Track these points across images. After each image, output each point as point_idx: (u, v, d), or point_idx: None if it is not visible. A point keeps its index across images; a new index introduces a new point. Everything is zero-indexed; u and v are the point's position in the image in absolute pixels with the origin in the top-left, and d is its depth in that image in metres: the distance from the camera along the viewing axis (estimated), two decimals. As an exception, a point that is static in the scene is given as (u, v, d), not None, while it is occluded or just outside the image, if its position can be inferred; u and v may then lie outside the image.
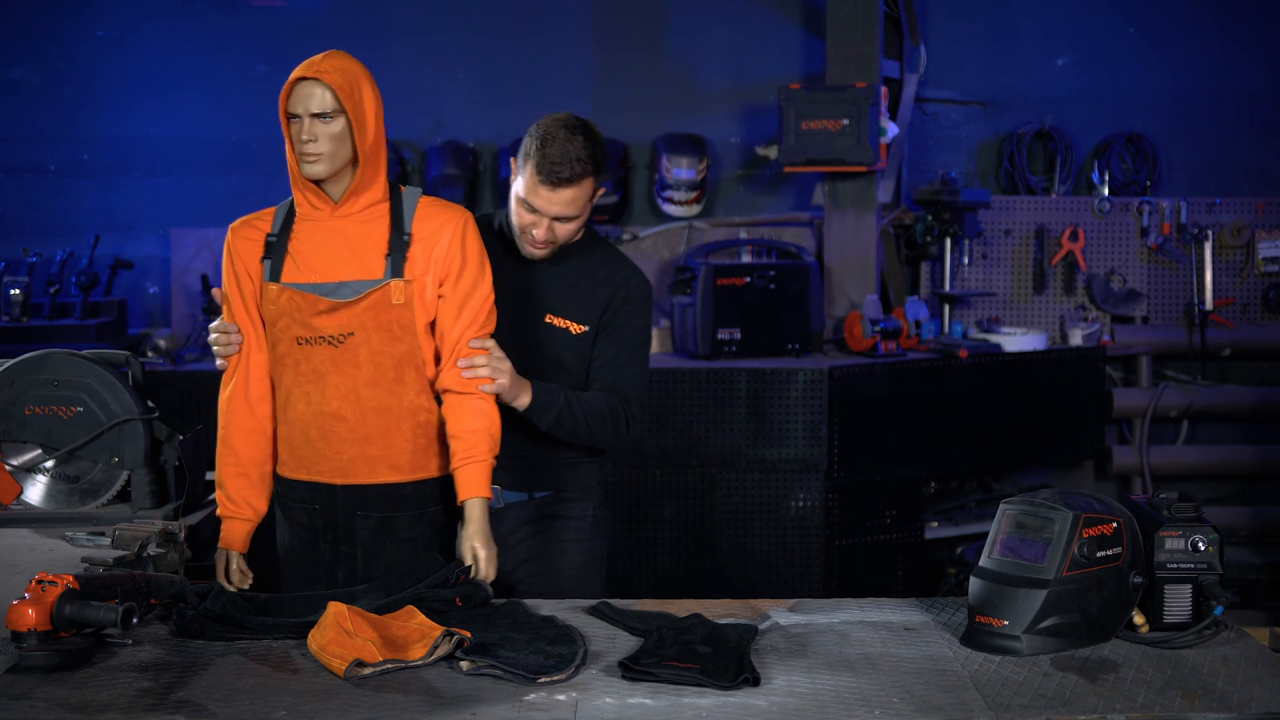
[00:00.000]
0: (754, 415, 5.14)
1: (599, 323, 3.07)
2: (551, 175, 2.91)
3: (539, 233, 2.98)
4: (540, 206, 2.95)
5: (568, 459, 3.13)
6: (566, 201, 2.94)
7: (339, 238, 2.84)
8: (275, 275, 2.83)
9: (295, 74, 2.76)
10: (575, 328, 3.06)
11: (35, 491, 3.23)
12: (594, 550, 3.19)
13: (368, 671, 2.23)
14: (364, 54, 3.06)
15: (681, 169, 5.93)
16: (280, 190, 2.89)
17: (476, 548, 2.78)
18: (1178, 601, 2.44)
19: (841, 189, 5.82)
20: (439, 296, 2.85)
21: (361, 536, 2.89)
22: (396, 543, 2.89)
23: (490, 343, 2.87)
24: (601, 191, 3.05)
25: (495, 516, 2.98)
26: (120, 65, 6.11)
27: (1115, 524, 2.41)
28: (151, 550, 2.77)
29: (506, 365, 2.88)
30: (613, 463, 5.08)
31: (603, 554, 3.23)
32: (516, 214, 3.00)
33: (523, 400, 2.92)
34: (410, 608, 2.45)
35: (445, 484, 2.90)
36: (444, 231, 2.84)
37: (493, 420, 2.85)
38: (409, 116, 6.07)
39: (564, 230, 3.00)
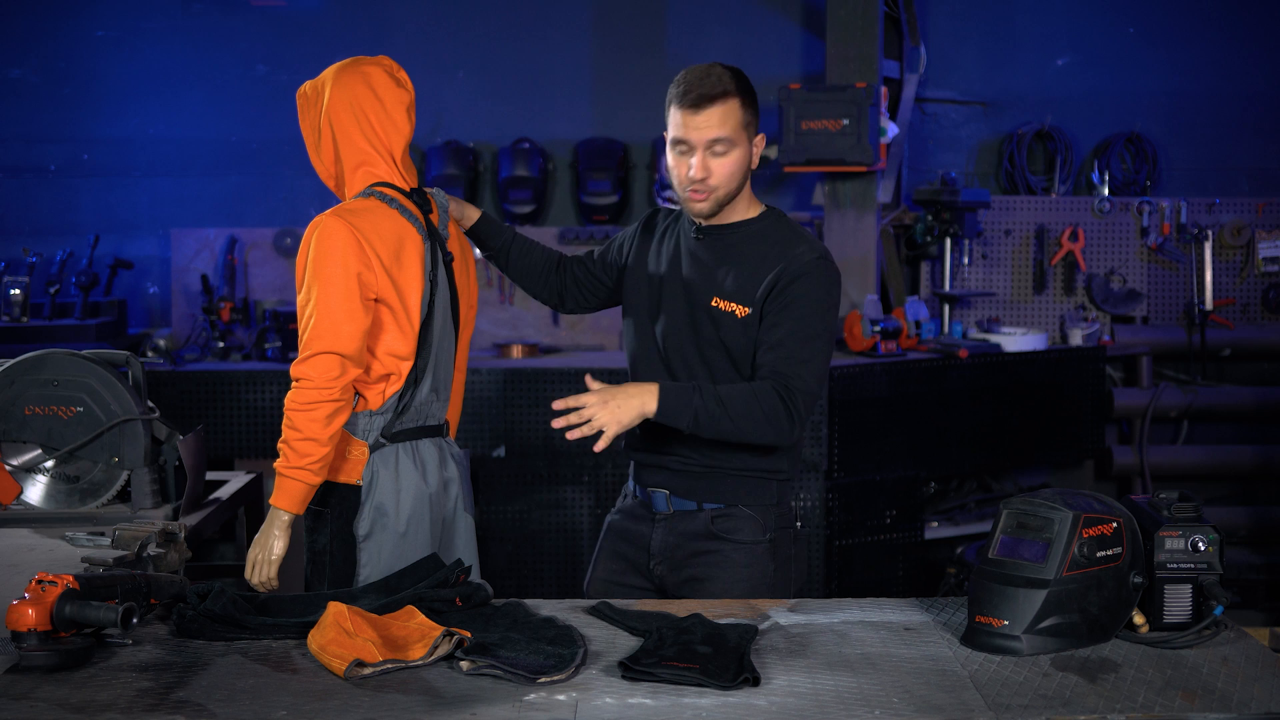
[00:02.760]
0: (754, 415, 5.12)
1: (764, 304, 2.82)
2: (690, 97, 2.77)
3: (695, 170, 2.79)
4: (691, 137, 2.78)
5: (737, 468, 2.89)
6: (714, 123, 2.77)
7: None
8: None
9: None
10: (740, 310, 2.83)
11: (35, 491, 3.23)
12: (765, 576, 2.91)
13: (368, 671, 2.23)
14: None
15: (682, 169, 5.90)
16: (279, 190, 2.88)
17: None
18: (1178, 601, 2.44)
19: (841, 189, 5.82)
20: None
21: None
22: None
23: (590, 393, 2.69)
24: (761, 141, 2.85)
25: (662, 523, 2.94)
26: (120, 65, 6.11)
27: (1115, 524, 2.41)
28: (151, 550, 2.77)
29: (607, 405, 2.67)
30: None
31: (778, 580, 2.94)
32: (674, 167, 2.84)
33: (647, 410, 2.70)
34: (410, 608, 2.45)
35: (324, 488, 2.89)
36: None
37: (285, 429, 2.77)
38: (409, 116, 6.05)
39: (720, 168, 2.80)
